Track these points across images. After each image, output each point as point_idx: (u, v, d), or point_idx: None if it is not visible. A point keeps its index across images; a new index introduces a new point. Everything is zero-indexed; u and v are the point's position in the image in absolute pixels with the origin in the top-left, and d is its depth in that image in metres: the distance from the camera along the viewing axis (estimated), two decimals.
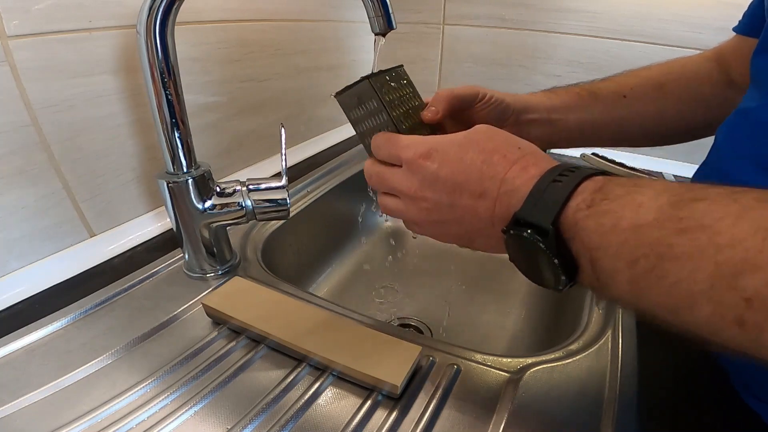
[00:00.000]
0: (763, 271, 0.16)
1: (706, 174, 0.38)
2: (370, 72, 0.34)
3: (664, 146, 0.49)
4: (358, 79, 0.32)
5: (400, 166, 0.29)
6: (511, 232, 0.24)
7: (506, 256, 0.27)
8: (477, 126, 0.29)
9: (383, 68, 0.34)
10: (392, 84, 0.34)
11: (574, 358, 0.35)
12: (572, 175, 0.24)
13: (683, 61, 0.47)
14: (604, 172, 0.24)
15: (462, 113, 0.39)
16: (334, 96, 0.34)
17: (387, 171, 0.30)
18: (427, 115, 0.36)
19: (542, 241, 0.22)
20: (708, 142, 0.40)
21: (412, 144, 0.29)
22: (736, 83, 0.43)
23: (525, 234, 0.23)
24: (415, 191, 0.29)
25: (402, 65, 0.36)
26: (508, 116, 0.41)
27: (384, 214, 0.33)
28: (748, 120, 0.33)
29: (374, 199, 0.34)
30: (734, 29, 0.43)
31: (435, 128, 0.36)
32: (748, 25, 0.41)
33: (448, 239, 0.30)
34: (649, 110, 0.44)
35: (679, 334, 0.19)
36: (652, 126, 0.45)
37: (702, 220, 0.18)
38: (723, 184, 0.19)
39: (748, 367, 0.32)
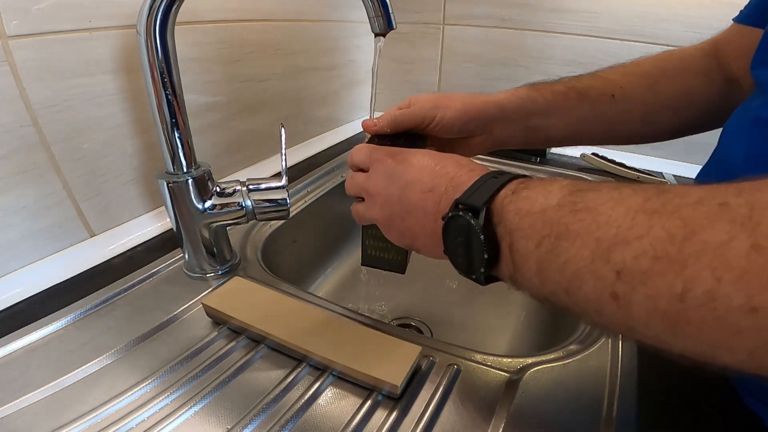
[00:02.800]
0: (631, 245, 0.19)
1: (711, 173, 0.37)
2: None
3: (664, 147, 0.48)
4: None
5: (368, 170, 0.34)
6: (450, 214, 0.27)
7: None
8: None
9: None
10: None
11: (574, 358, 0.35)
12: (508, 174, 0.28)
13: (677, 54, 0.45)
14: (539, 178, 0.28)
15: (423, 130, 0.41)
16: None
17: (356, 174, 0.35)
18: (367, 123, 0.40)
19: (474, 219, 0.25)
20: (707, 140, 0.40)
21: (379, 148, 0.34)
22: (734, 78, 0.42)
23: (461, 213, 0.26)
24: (372, 186, 0.33)
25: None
26: (472, 129, 0.42)
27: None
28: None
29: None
30: (735, 19, 0.41)
31: None
32: (753, 16, 0.39)
33: (395, 236, 0.33)
34: (639, 110, 0.43)
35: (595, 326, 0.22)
36: (642, 125, 0.44)
37: (589, 203, 0.22)
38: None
39: None
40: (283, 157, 0.42)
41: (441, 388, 0.32)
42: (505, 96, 0.43)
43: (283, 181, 0.42)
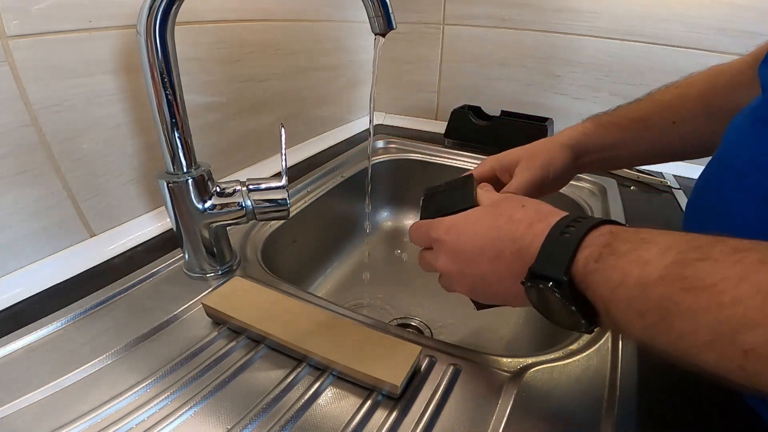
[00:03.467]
0: (763, 327, 0.17)
1: (714, 174, 0.37)
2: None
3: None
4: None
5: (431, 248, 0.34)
6: (529, 284, 0.26)
7: None
8: (493, 197, 0.34)
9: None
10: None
11: (574, 358, 0.35)
12: (579, 227, 0.25)
13: (727, 70, 0.44)
14: (609, 221, 0.26)
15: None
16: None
17: (426, 254, 0.35)
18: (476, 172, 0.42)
19: (558, 292, 0.24)
20: None
21: (437, 224, 0.33)
22: None
23: (541, 286, 0.25)
24: (442, 266, 0.33)
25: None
26: (559, 166, 0.43)
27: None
28: None
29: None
30: None
31: None
32: None
33: (487, 300, 0.32)
34: (699, 133, 0.43)
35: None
36: (701, 145, 0.44)
37: (706, 280, 0.19)
38: (726, 236, 0.20)
39: None
40: (283, 157, 0.42)
41: (441, 388, 0.32)
42: (576, 138, 0.45)
43: (283, 181, 0.42)
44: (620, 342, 0.36)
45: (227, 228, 0.45)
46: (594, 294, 0.23)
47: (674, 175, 0.73)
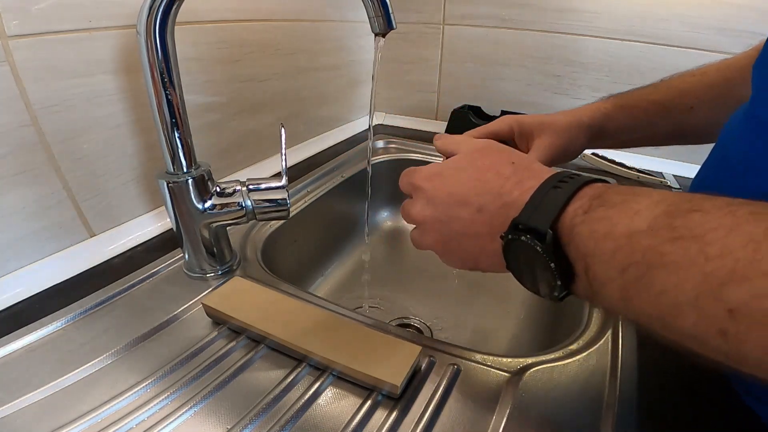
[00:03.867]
0: (751, 281, 0.16)
1: (710, 172, 0.37)
2: None
3: (664, 146, 0.49)
4: None
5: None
6: (510, 237, 0.24)
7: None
8: (475, 143, 0.32)
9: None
10: None
11: (574, 358, 0.35)
12: (572, 182, 0.24)
13: (740, 63, 0.45)
14: (603, 180, 0.25)
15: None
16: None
17: (406, 202, 0.33)
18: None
19: (540, 245, 0.22)
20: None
21: (422, 169, 0.32)
22: None
23: (523, 238, 0.23)
24: (417, 213, 0.31)
25: None
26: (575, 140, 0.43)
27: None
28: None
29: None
30: None
31: None
32: None
33: (457, 262, 0.31)
34: (714, 119, 0.43)
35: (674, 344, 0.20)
36: (715, 132, 0.45)
37: (695, 230, 0.18)
38: (720, 194, 0.19)
39: None
40: (283, 157, 0.42)
41: (441, 388, 0.32)
42: (599, 120, 0.44)
43: (283, 181, 0.42)
44: (620, 342, 0.36)
45: (227, 228, 0.45)
46: (576, 249, 0.22)
47: (674, 175, 0.73)
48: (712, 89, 0.44)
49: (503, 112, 0.83)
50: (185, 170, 0.39)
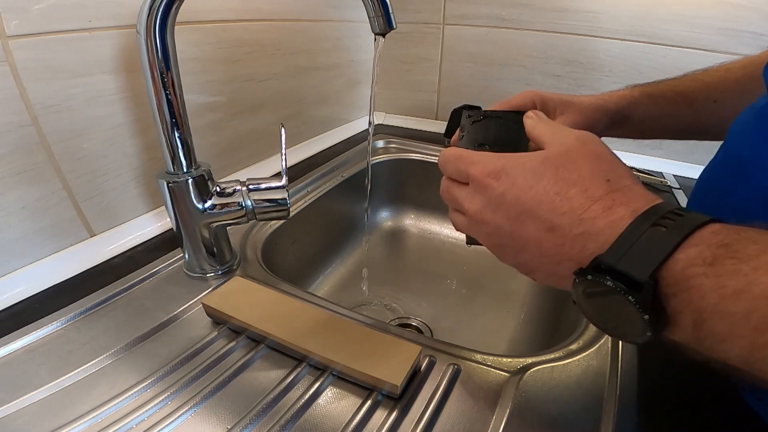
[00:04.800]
0: None
1: (718, 170, 0.37)
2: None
3: (665, 146, 0.49)
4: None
5: (467, 184, 0.28)
6: (589, 277, 0.21)
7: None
8: (567, 142, 0.26)
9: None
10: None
11: (574, 358, 0.35)
12: (681, 220, 0.20)
13: (760, 62, 0.44)
14: (719, 219, 0.21)
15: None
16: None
17: (454, 187, 0.29)
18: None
19: (631, 294, 0.19)
20: (708, 143, 0.40)
21: (481, 161, 0.27)
22: None
23: (608, 283, 0.20)
24: (475, 212, 0.27)
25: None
26: (600, 119, 0.42)
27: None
28: None
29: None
30: None
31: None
32: None
33: (509, 263, 0.28)
34: (737, 113, 0.42)
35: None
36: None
37: None
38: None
39: None
40: (283, 157, 0.42)
41: (441, 388, 0.32)
42: (620, 102, 0.44)
43: (283, 181, 0.42)
44: (620, 342, 0.36)
45: (227, 228, 0.45)
46: (688, 303, 0.19)
47: (674, 175, 0.73)
48: (737, 84, 0.44)
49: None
50: (185, 170, 0.39)
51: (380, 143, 0.85)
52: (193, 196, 0.40)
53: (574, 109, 0.41)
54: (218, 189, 0.41)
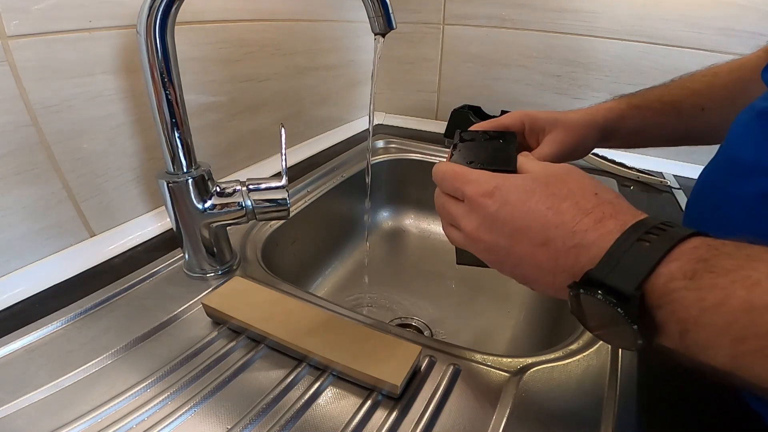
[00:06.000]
0: None
1: (719, 169, 0.37)
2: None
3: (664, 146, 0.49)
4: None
5: (462, 200, 0.29)
6: (581, 291, 0.22)
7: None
8: (554, 165, 0.28)
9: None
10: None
11: (574, 358, 0.35)
12: (664, 235, 0.21)
13: (748, 65, 0.44)
14: (702, 233, 0.22)
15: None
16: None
17: (450, 203, 0.30)
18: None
19: (620, 306, 0.20)
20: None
21: (476, 180, 0.28)
22: None
23: (598, 296, 0.21)
24: (472, 230, 0.28)
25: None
26: (587, 138, 0.42)
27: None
28: None
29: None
30: None
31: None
32: None
33: (507, 274, 0.29)
34: (726, 119, 0.42)
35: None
36: (724, 133, 0.44)
37: None
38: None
39: None
40: (283, 157, 0.42)
41: (441, 388, 0.32)
42: (608, 116, 0.44)
43: (283, 181, 0.42)
44: None
45: (227, 228, 0.45)
46: (672, 314, 0.20)
47: (674, 175, 0.73)
48: (724, 90, 0.44)
49: (503, 112, 0.83)
50: (185, 170, 0.39)
51: (380, 143, 0.85)
52: (193, 196, 0.40)
53: (563, 126, 0.41)
54: (218, 189, 0.41)
